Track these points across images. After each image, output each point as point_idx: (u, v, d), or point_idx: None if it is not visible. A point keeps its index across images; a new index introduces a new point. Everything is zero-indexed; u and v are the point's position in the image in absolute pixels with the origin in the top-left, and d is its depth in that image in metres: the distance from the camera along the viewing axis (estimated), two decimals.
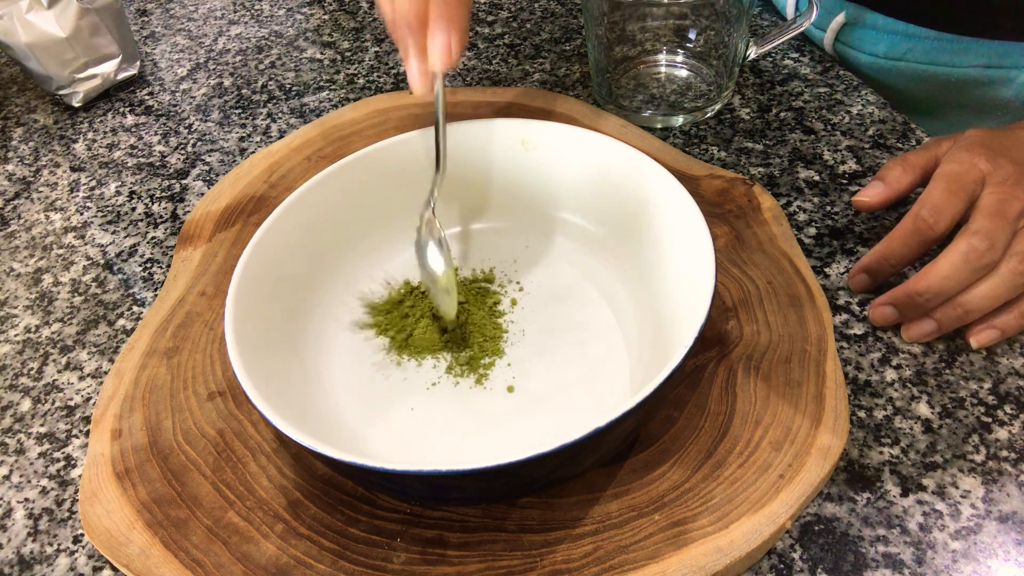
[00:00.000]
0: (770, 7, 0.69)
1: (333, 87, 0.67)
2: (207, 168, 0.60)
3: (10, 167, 0.64)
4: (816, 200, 0.50)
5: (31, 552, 0.39)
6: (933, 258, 0.40)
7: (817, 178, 0.52)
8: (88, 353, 0.48)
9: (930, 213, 0.40)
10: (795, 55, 0.62)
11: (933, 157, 0.44)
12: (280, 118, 0.64)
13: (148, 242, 0.55)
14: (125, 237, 0.56)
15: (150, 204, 0.58)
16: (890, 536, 0.35)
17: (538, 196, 0.47)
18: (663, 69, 0.60)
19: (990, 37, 0.55)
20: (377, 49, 0.71)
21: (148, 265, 0.53)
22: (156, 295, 0.51)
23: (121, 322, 0.50)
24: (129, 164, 0.62)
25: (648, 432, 0.38)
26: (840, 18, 0.60)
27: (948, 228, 0.40)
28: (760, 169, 0.53)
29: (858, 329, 0.43)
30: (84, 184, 0.61)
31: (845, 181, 0.51)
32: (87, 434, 0.43)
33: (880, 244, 0.42)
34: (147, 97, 0.70)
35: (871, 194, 0.45)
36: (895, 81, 0.60)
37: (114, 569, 0.38)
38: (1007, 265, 0.39)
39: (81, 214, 0.58)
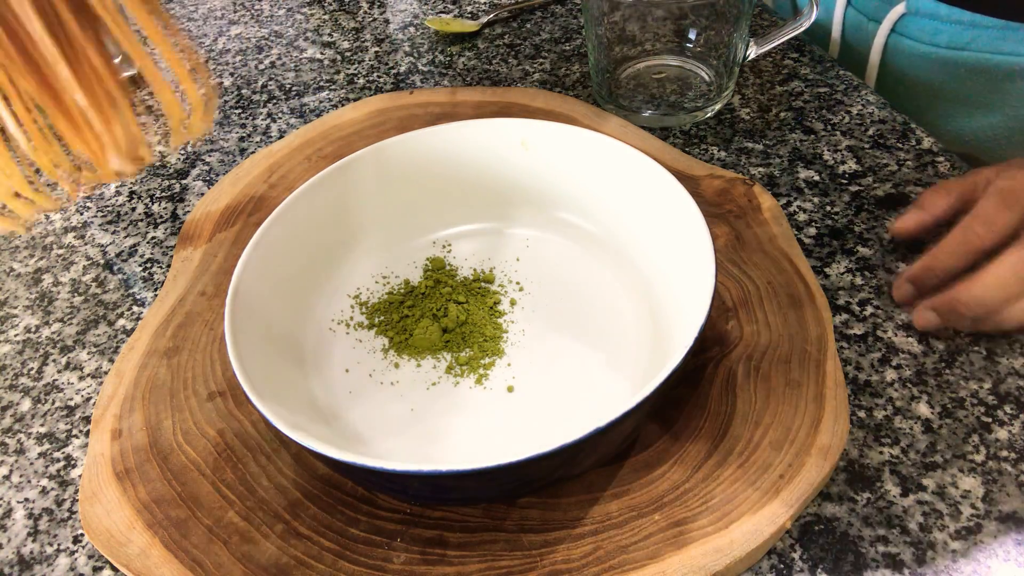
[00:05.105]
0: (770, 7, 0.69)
1: (333, 87, 0.67)
2: (207, 168, 0.60)
3: None
4: (816, 200, 0.50)
5: (31, 552, 0.39)
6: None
7: (817, 178, 0.52)
8: (88, 353, 0.48)
9: (981, 224, 0.40)
10: (795, 55, 0.62)
11: (972, 184, 0.43)
12: (280, 118, 0.64)
13: (148, 242, 0.55)
14: (125, 237, 0.56)
15: (150, 204, 0.58)
16: (890, 536, 0.35)
17: (538, 196, 0.47)
18: (663, 69, 0.60)
19: None
20: (377, 49, 0.71)
21: (148, 265, 0.53)
22: (156, 295, 0.51)
23: (121, 322, 0.50)
24: None
25: (648, 432, 0.38)
26: (900, 8, 0.58)
27: (998, 241, 0.40)
28: (760, 169, 0.53)
29: (858, 329, 0.43)
30: (84, 184, 0.61)
31: (845, 181, 0.51)
32: (87, 434, 0.43)
33: (927, 255, 0.42)
34: (147, 97, 0.70)
35: (908, 220, 0.44)
36: (952, 71, 0.58)
37: (114, 569, 0.38)
38: None
39: (81, 214, 0.58)
